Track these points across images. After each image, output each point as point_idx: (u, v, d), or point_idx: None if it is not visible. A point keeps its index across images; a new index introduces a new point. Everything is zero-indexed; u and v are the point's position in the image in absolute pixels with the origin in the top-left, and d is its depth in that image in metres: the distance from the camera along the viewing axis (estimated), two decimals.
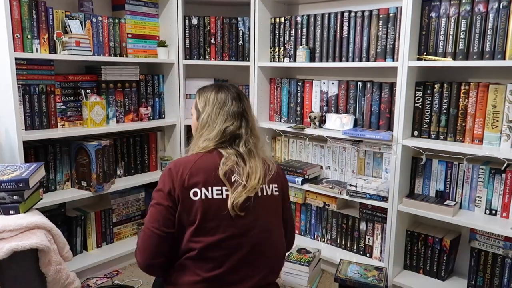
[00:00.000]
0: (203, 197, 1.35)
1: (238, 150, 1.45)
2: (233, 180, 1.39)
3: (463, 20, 1.91)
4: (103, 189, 2.28)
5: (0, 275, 1.41)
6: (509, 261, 1.94)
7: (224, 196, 1.36)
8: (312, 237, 2.67)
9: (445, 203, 2.03)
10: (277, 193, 1.48)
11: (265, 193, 1.44)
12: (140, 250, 1.39)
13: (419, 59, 2.05)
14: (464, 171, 2.04)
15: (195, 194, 1.35)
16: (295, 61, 2.52)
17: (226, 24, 2.65)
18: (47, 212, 2.19)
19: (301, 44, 2.48)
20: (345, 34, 2.30)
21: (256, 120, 1.58)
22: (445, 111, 2.03)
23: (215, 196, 1.36)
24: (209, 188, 1.36)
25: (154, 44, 2.61)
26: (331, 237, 2.58)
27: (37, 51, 2.05)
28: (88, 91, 2.31)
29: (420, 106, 2.10)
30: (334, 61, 2.36)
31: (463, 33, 1.91)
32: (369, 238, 2.41)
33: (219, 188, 1.37)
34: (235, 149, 1.45)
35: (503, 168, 1.91)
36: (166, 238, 1.36)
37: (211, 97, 1.52)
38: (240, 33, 2.66)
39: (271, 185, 1.47)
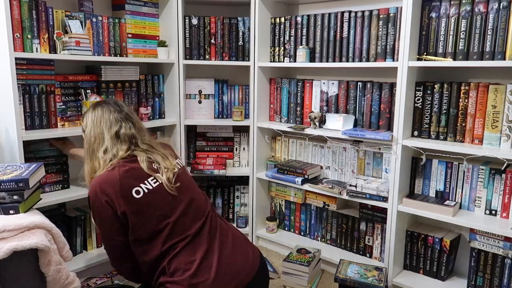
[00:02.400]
0: (146, 191, 1.52)
1: (142, 148, 1.62)
2: (155, 167, 1.59)
3: (463, 20, 1.91)
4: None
5: (0, 275, 1.41)
6: (509, 261, 1.94)
7: (160, 181, 1.56)
8: (312, 237, 2.67)
9: (445, 203, 2.03)
10: (182, 163, 1.74)
11: (180, 167, 1.68)
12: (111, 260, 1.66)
13: (419, 59, 2.05)
14: (464, 171, 2.04)
15: (138, 192, 1.52)
16: (295, 61, 2.52)
17: (226, 24, 2.65)
18: (47, 212, 2.18)
19: (301, 44, 2.48)
20: (345, 34, 2.30)
21: (141, 123, 1.74)
22: (445, 111, 2.03)
23: (154, 185, 1.54)
24: (146, 182, 1.54)
25: (154, 44, 2.61)
26: (331, 237, 2.58)
27: (37, 51, 2.05)
28: (88, 91, 2.31)
29: (420, 106, 2.10)
30: (334, 61, 2.36)
31: (463, 33, 1.92)
32: (369, 238, 2.41)
33: (153, 178, 1.56)
34: (141, 148, 1.61)
35: (503, 168, 1.91)
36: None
37: (89, 114, 1.66)
38: (240, 33, 2.66)
39: (177, 160, 1.72)
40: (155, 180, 1.56)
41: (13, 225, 1.47)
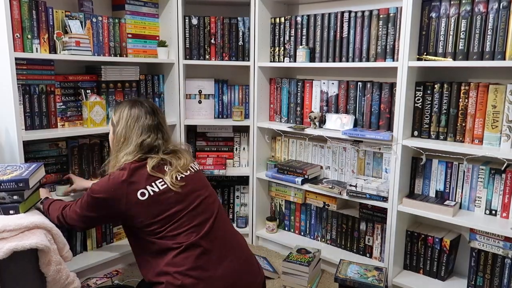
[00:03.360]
0: (151, 193, 1.54)
1: (160, 156, 1.62)
2: (165, 169, 1.60)
3: (463, 20, 1.91)
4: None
5: (0, 275, 1.41)
6: (509, 261, 1.94)
7: (166, 183, 1.57)
8: (312, 237, 2.67)
9: (445, 203, 2.03)
10: (200, 167, 1.79)
11: (194, 170, 1.70)
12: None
13: (419, 59, 2.05)
14: (464, 171, 2.04)
15: (143, 194, 1.54)
16: (295, 61, 2.52)
17: (226, 24, 2.65)
18: None
19: (301, 44, 2.48)
20: (345, 34, 2.30)
21: (169, 131, 1.78)
22: (445, 111, 2.03)
23: (161, 188, 1.56)
24: (153, 184, 1.56)
25: (154, 44, 2.61)
26: (331, 237, 2.58)
27: (37, 51, 2.05)
28: (88, 91, 2.31)
29: (420, 106, 2.10)
30: (334, 61, 2.36)
31: (463, 33, 1.92)
32: (369, 238, 2.41)
33: (160, 180, 1.57)
34: (157, 156, 1.62)
35: (503, 168, 1.91)
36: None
37: (125, 112, 1.66)
38: (240, 33, 2.66)
39: (195, 163, 1.75)
40: (163, 183, 1.57)
41: (13, 225, 1.47)
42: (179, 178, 1.60)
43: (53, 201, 1.79)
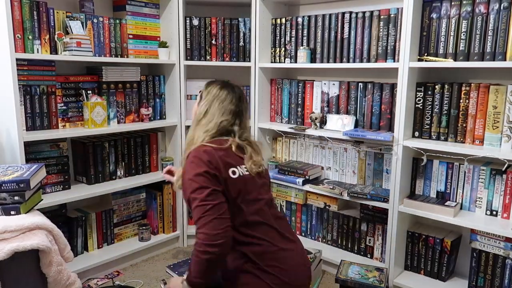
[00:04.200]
0: (241, 174, 1.51)
1: (235, 140, 1.59)
2: (242, 156, 1.57)
3: (464, 21, 1.91)
4: None
5: (1, 275, 1.41)
6: (510, 262, 1.94)
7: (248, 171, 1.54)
8: (313, 238, 2.67)
9: (446, 203, 2.03)
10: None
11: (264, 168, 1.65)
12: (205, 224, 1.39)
13: (420, 60, 2.05)
14: (465, 172, 2.04)
15: (234, 172, 1.50)
16: (296, 62, 2.52)
17: (227, 25, 2.65)
18: (48, 212, 2.19)
19: (302, 45, 2.49)
20: (346, 35, 2.30)
21: (249, 123, 1.75)
22: (445, 112, 2.03)
23: (245, 173, 1.53)
24: (240, 166, 1.53)
25: (155, 44, 2.61)
26: (332, 238, 2.58)
27: (38, 52, 2.05)
28: (89, 91, 2.31)
29: (421, 107, 2.10)
30: (335, 61, 2.36)
31: (464, 34, 1.92)
32: (370, 239, 2.41)
33: (244, 166, 1.55)
34: (234, 140, 1.59)
35: (503, 169, 1.91)
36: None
37: (214, 90, 1.64)
38: (241, 34, 2.67)
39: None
40: (246, 169, 1.55)
41: (14, 226, 1.47)
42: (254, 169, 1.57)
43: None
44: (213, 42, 2.66)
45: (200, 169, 1.44)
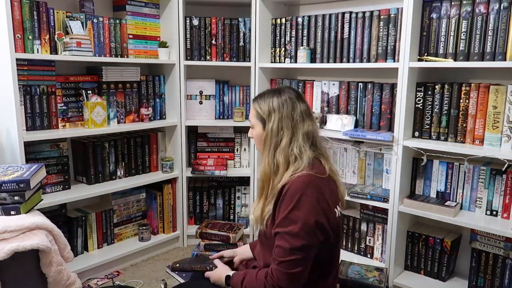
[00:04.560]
0: (339, 214, 1.38)
1: (321, 151, 1.39)
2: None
3: (464, 21, 1.91)
4: None
5: (1, 275, 1.41)
6: (510, 262, 1.94)
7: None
8: None
9: (446, 203, 2.03)
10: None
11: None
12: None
13: (420, 60, 2.05)
14: (465, 172, 2.04)
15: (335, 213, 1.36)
16: (296, 62, 2.52)
17: (227, 25, 2.65)
18: (48, 212, 2.19)
19: (302, 45, 2.49)
20: (346, 35, 2.30)
21: None
22: (445, 112, 2.03)
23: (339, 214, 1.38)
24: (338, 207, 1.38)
25: (155, 44, 2.61)
26: None
27: (38, 52, 2.05)
28: (89, 91, 2.31)
29: (421, 107, 2.10)
30: (335, 61, 2.36)
31: (463, 34, 1.92)
32: (370, 239, 2.41)
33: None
34: (318, 152, 1.38)
35: (503, 169, 1.91)
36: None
37: (275, 102, 1.38)
38: (241, 34, 2.67)
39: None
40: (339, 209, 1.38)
41: (14, 226, 1.47)
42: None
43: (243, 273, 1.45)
44: (213, 42, 2.66)
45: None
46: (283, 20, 2.57)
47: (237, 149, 2.87)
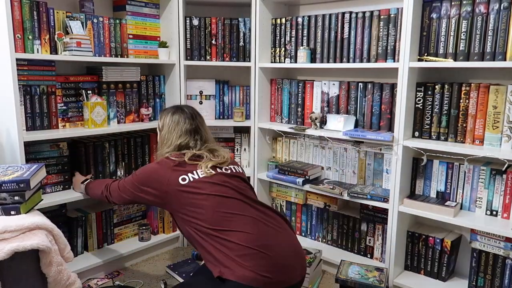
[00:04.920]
0: (191, 179, 1.73)
1: (193, 151, 1.85)
2: (200, 160, 1.81)
3: (464, 21, 1.91)
4: None
5: (1, 275, 1.41)
6: (510, 262, 1.94)
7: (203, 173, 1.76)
8: (313, 238, 2.67)
9: (446, 203, 2.03)
10: (242, 171, 1.94)
11: (233, 171, 1.86)
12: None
13: (420, 60, 2.05)
14: (465, 172, 2.04)
15: (184, 179, 1.73)
16: (296, 62, 2.52)
17: (227, 25, 2.66)
18: (48, 212, 2.19)
19: (302, 45, 2.49)
20: (346, 35, 2.30)
21: (210, 133, 2.01)
22: (446, 112, 2.03)
23: (200, 176, 1.74)
24: (194, 172, 1.76)
25: (155, 44, 2.61)
26: (332, 238, 2.58)
27: (38, 52, 2.05)
28: (89, 91, 2.31)
29: (421, 107, 2.10)
30: (335, 62, 2.36)
31: (464, 34, 1.92)
32: (370, 239, 2.41)
33: (201, 170, 1.77)
34: (192, 152, 1.85)
35: (504, 169, 1.91)
36: None
37: (167, 118, 1.93)
38: (241, 34, 2.67)
39: (237, 166, 1.92)
40: (202, 172, 1.75)
41: (14, 226, 1.47)
42: (210, 169, 1.77)
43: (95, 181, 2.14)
44: (213, 42, 2.66)
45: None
46: (283, 20, 2.57)
47: (237, 149, 2.87)
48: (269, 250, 1.58)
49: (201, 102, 2.80)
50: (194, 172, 1.75)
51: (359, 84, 2.33)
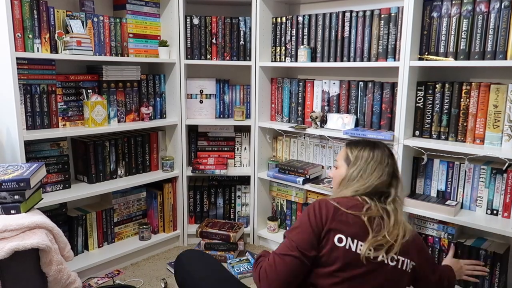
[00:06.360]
0: (347, 247, 1.32)
1: (385, 206, 1.42)
2: (375, 227, 1.36)
3: (464, 20, 1.91)
4: None
5: (1, 274, 1.41)
6: None
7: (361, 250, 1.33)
8: None
9: (447, 203, 2.03)
10: (409, 270, 1.39)
11: (394, 264, 1.36)
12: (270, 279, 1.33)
13: (420, 59, 2.05)
14: (465, 171, 2.04)
15: (340, 240, 1.33)
16: (296, 61, 2.52)
17: (228, 24, 2.65)
18: (48, 211, 2.19)
19: (303, 44, 2.48)
20: (346, 34, 2.30)
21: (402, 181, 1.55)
22: (446, 111, 2.03)
23: (358, 251, 1.32)
24: (355, 241, 1.32)
25: (155, 43, 2.61)
26: None
27: (38, 51, 2.05)
28: (89, 90, 2.31)
29: (422, 106, 2.09)
30: (335, 61, 2.36)
31: (464, 33, 1.91)
32: None
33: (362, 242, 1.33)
34: (381, 205, 1.42)
35: (504, 168, 1.91)
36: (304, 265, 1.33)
37: (365, 153, 1.49)
38: (242, 33, 2.66)
39: (405, 259, 1.39)
40: (361, 245, 1.32)
41: (14, 225, 1.47)
42: (372, 257, 1.32)
43: None
44: (214, 41, 2.66)
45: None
46: (284, 19, 2.57)
47: (238, 148, 2.87)
48: None
49: (201, 101, 2.80)
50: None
51: (360, 83, 2.33)
